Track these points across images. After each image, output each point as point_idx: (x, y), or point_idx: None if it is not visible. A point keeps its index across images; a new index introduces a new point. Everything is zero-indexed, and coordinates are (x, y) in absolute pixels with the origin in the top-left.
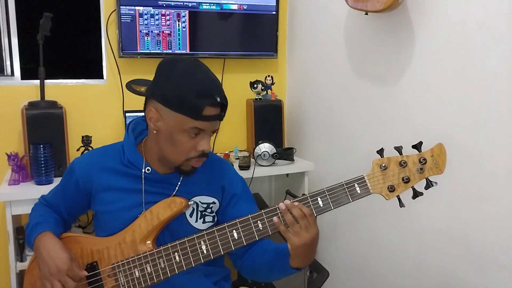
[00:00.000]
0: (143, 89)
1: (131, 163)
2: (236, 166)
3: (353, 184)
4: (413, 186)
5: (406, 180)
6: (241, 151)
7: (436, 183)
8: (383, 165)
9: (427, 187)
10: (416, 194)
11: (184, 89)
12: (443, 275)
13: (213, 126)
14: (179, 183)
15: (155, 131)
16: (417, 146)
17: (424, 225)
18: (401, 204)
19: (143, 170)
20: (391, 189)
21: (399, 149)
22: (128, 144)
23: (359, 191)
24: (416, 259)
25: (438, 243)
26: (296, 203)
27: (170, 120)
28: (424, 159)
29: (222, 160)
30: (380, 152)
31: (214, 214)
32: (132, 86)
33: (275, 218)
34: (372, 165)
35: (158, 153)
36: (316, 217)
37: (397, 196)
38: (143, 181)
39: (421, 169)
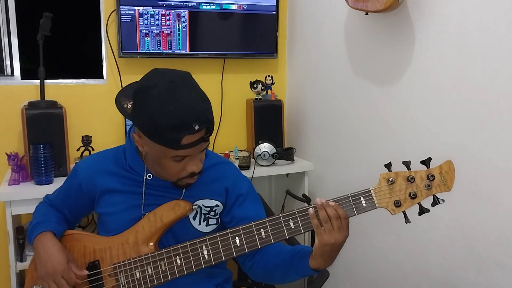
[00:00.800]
0: (130, 105)
1: (132, 169)
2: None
3: (359, 197)
4: (419, 202)
5: (413, 196)
6: (241, 151)
7: (443, 200)
8: (390, 179)
9: (433, 204)
10: (422, 211)
11: (158, 123)
12: (443, 275)
13: (198, 149)
14: (183, 189)
15: (144, 153)
16: (426, 162)
17: (424, 225)
18: (407, 220)
19: (145, 177)
20: (397, 204)
21: (407, 164)
22: (129, 150)
23: (364, 205)
24: (416, 259)
25: (438, 243)
26: (332, 203)
27: (152, 148)
28: (432, 175)
29: (225, 162)
30: (388, 166)
31: (218, 216)
32: (120, 100)
33: (310, 210)
34: (379, 179)
35: (153, 169)
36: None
37: (403, 212)
38: (144, 185)
39: (429, 185)
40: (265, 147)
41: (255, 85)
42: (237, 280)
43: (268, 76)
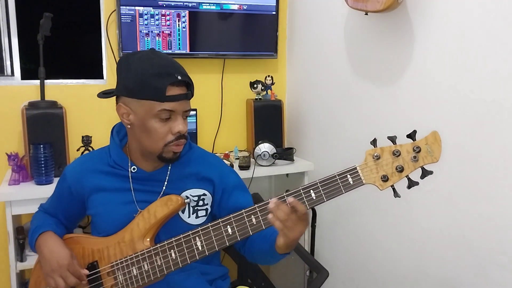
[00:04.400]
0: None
1: (117, 164)
2: (236, 166)
3: (345, 175)
4: (407, 175)
5: (400, 169)
6: (241, 151)
7: (431, 172)
8: (376, 155)
9: (422, 176)
10: (411, 184)
11: (144, 74)
12: (443, 275)
13: (182, 106)
14: (166, 178)
15: (129, 126)
16: (412, 135)
17: (423, 225)
18: (396, 194)
19: (129, 170)
20: (385, 178)
21: (392, 139)
22: (113, 147)
23: (351, 182)
24: (415, 259)
25: (438, 243)
26: (291, 199)
27: (139, 110)
28: (418, 147)
29: (208, 154)
30: (373, 142)
31: (207, 207)
32: (102, 93)
33: (269, 216)
34: (365, 156)
35: (139, 148)
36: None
37: (391, 186)
38: (130, 180)
39: (415, 157)
40: (265, 147)
41: (255, 85)
42: (236, 280)
43: (268, 76)
